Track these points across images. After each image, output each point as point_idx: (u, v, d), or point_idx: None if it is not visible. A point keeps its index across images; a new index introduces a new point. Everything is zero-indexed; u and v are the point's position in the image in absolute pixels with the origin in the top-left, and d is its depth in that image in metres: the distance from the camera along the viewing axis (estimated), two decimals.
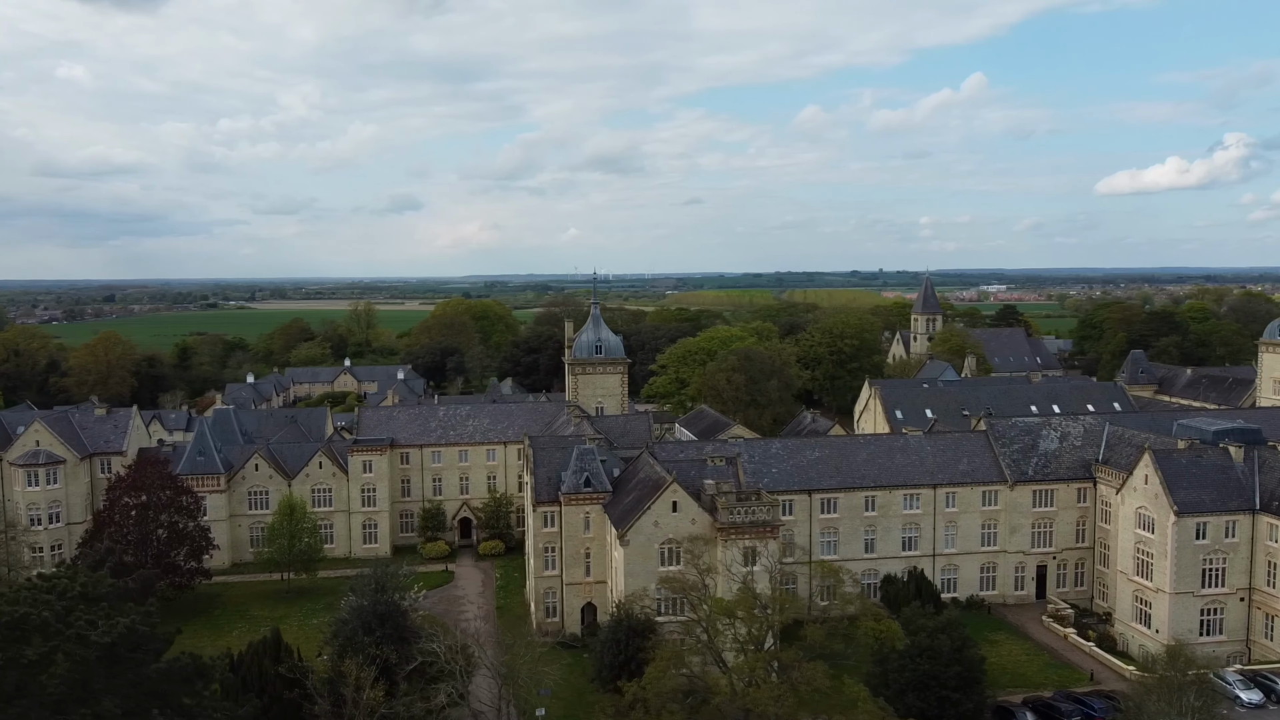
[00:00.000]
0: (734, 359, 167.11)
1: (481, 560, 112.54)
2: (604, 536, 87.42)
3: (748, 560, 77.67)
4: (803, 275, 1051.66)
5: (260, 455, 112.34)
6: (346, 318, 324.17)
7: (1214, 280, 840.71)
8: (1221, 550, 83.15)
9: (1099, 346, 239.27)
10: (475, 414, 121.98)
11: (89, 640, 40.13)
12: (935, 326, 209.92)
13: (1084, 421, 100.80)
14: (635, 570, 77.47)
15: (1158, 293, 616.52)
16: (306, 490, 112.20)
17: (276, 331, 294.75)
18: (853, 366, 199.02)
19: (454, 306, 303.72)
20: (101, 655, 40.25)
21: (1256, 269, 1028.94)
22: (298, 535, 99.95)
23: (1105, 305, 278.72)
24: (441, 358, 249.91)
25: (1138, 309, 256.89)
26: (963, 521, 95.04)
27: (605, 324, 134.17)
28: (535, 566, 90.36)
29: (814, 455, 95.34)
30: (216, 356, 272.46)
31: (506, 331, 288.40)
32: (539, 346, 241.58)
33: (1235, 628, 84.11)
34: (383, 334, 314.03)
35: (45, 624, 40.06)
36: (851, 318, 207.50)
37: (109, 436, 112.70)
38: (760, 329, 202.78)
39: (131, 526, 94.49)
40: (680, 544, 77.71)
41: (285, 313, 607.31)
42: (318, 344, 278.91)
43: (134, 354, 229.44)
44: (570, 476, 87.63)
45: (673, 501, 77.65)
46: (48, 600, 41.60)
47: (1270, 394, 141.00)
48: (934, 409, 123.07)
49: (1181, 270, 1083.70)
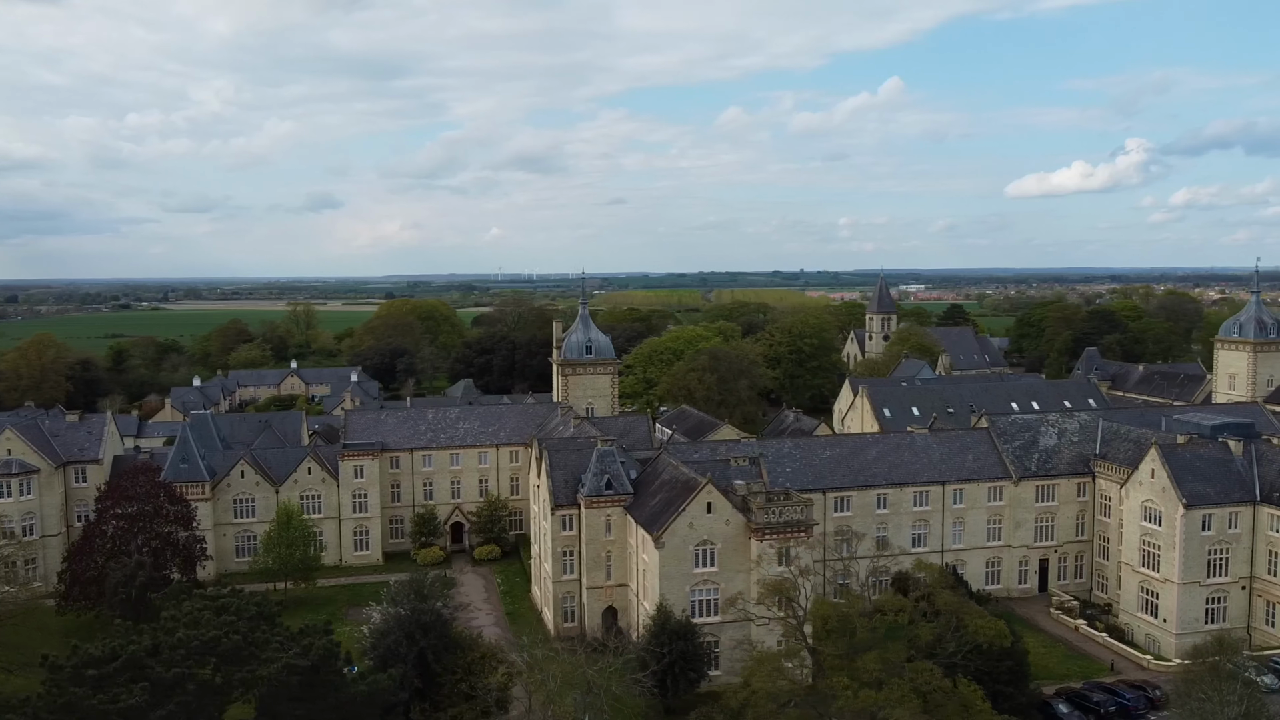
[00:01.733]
0: (705, 359, 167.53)
1: (478, 565, 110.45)
2: (625, 539, 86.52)
3: (781, 560, 77.91)
4: (726, 275, 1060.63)
5: (246, 461, 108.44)
6: (286, 318, 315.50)
7: (1119, 280, 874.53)
8: (1225, 541, 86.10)
9: (1040, 345, 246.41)
10: (465, 416, 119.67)
11: (292, 664, 37.68)
12: (890, 326, 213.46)
13: (1079, 418, 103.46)
14: (670, 573, 76.76)
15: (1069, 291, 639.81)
16: (295, 497, 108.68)
17: (214, 333, 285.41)
18: (812, 365, 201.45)
19: (399, 307, 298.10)
20: (303, 679, 37.83)
21: (1157, 269, 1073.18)
22: (296, 544, 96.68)
23: (1043, 304, 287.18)
24: (391, 359, 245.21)
25: (1077, 308, 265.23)
26: (970, 518, 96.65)
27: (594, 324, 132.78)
28: (553, 570, 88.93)
29: (825, 454, 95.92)
30: (150, 359, 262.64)
31: (453, 332, 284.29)
32: (491, 347, 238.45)
33: (1237, 615, 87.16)
34: (321, 335, 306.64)
35: (237, 647, 37.47)
36: (810, 317, 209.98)
37: (83, 444, 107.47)
38: (723, 329, 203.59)
39: (122, 538, 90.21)
40: (715, 545, 77.43)
41: (202, 314, 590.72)
42: (257, 346, 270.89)
43: (68, 357, 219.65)
44: (591, 479, 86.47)
45: (707, 503, 77.16)
46: (231, 622, 38.93)
47: (1225, 389, 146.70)
48: (920, 407, 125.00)
49: (1088, 270, 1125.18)
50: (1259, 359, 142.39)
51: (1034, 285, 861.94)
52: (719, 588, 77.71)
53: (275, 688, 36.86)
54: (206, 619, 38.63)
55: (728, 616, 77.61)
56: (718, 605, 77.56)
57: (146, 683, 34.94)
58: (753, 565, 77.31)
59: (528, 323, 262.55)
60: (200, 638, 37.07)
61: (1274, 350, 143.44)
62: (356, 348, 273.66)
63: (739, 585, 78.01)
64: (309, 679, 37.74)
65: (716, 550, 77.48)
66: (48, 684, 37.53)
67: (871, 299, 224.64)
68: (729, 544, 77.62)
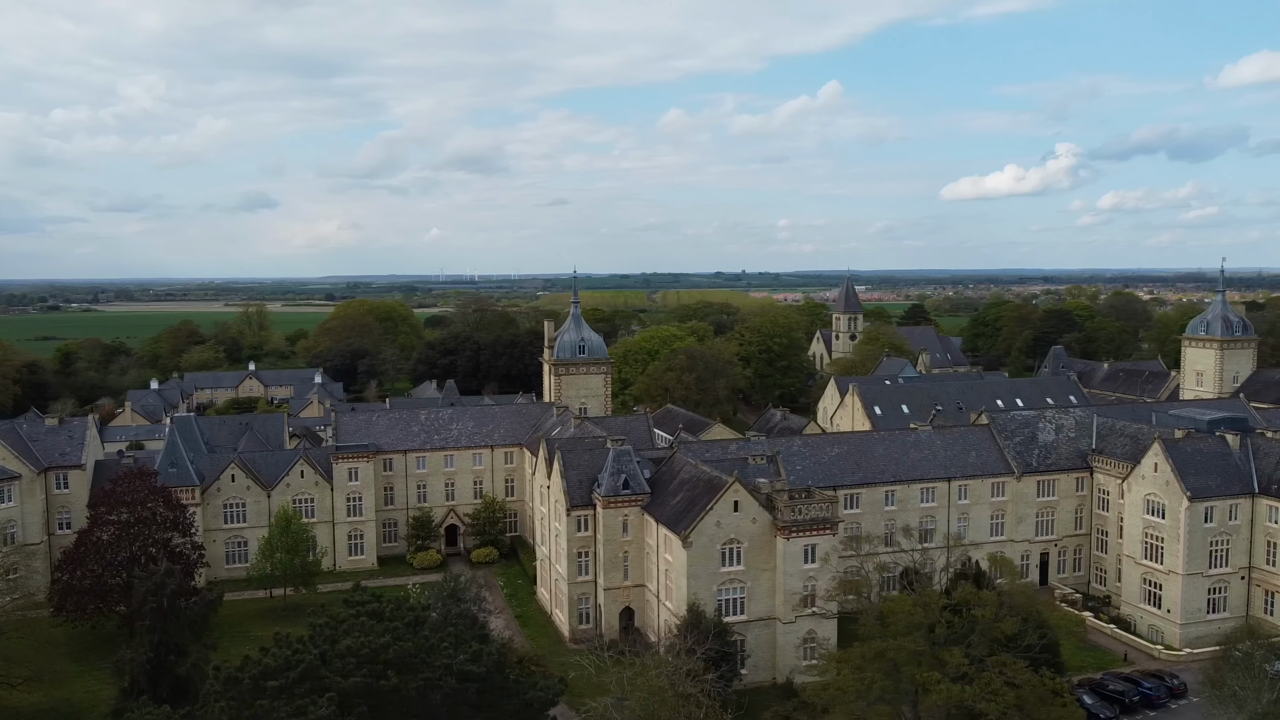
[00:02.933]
0: (682, 358, 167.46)
1: (476, 568, 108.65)
2: (643, 539, 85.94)
3: (807, 557, 78.12)
4: (669, 276, 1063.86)
5: (236, 465, 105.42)
6: (238, 320, 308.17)
7: (1051, 281, 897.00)
8: (1226, 532, 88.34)
9: (997, 344, 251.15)
10: (459, 417, 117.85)
11: (467, 669, 35.98)
12: (857, 325, 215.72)
13: (1075, 414, 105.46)
14: (697, 572, 76.39)
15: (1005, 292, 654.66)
16: (287, 501, 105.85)
17: (163, 335, 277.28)
18: (781, 365, 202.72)
19: (355, 307, 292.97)
20: (480, 686, 36.12)
21: (1087, 270, 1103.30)
22: (296, 549, 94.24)
23: (997, 304, 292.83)
24: (352, 360, 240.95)
25: (1033, 308, 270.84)
26: (974, 513, 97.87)
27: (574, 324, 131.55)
28: (568, 572, 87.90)
29: (834, 452, 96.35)
30: (97, 362, 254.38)
31: (411, 333, 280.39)
32: (455, 348, 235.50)
33: (1237, 605, 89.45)
34: (272, 336, 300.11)
35: (407, 654, 35.69)
36: (780, 317, 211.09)
37: (64, 449, 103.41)
38: (696, 329, 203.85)
39: (117, 545, 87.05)
40: (741, 544, 77.26)
41: (137, 315, 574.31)
42: (210, 348, 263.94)
43: (14, 359, 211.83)
44: (608, 479, 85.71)
45: (734, 501, 76.99)
46: (395, 628, 37.12)
47: (1193, 385, 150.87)
48: (909, 405, 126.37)
49: (1021, 271, 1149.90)
50: (1225, 356, 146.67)
51: (971, 286, 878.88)
52: (745, 587, 77.63)
53: (453, 696, 35.36)
54: (366, 625, 36.88)
55: (754, 615, 77.68)
56: (744, 604, 77.46)
57: (333, 693, 33.31)
58: (779, 563, 77.50)
59: (489, 323, 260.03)
60: (369, 645, 35.40)
61: (1239, 348, 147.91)
62: (313, 349, 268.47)
63: (765, 583, 78.08)
64: (485, 686, 36.34)
65: (743, 549, 77.37)
66: (225, 697, 35.60)
67: (838, 299, 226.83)
68: (755, 542, 77.56)
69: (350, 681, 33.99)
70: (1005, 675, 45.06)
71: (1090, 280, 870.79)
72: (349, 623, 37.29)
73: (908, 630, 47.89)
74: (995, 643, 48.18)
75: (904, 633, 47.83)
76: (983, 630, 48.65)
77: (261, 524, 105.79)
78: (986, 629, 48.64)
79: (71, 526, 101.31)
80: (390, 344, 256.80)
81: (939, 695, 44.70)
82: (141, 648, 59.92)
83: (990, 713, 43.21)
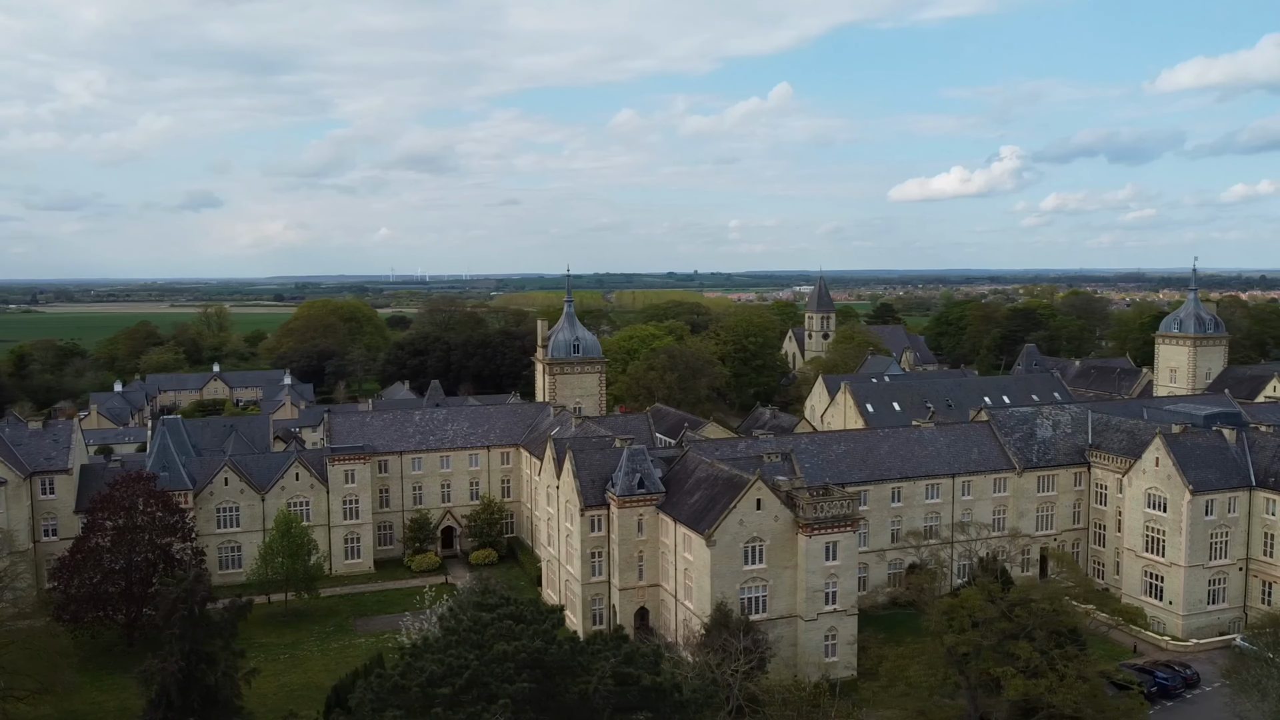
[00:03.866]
0: (664, 358, 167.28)
1: (476, 570, 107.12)
2: (659, 538, 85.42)
3: (829, 554, 78.26)
4: (622, 277, 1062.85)
5: (230, 468, 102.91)
6: (197, 320, 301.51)
7: (997, 281, 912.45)
8: (1225, 525, 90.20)
9: (962, 342, 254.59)
10: (453, 418, 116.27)
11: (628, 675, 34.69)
12: (830, 325, 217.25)
13: (1070, 410, 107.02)
14: (720, 571, 76.12)
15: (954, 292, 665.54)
16: (282, 504, 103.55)
17: (120, 336, 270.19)
18: (756, 364, 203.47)
19: (319, 308, 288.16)
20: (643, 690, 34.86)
21: (1030, 270, 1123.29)
22: (299, 553, 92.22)
23: (960, 304, 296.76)
24: (319, 361, 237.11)
25: (997, 306, 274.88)
26: (977, 509, 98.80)
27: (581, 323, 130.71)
28: (581, 573, 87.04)
29: (841, 449, 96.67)
30: (51, 364, 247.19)
31: (376, 333, 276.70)
32: (425, 349, 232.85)
33: (1235, 595, 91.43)
34: (232, 337, 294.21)
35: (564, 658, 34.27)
36: (754, 316, 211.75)
37: (49, 453, 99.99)
38: (673, 328, 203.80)
39: (118, 552, 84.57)
40: (764, 542, 77.14)
41: (80, 316, 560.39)
42: (169, 349, 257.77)
43: None
44: (623, 478, 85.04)
45: (757, 499, 76.84)
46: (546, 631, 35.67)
47: (1166, 381, 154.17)
48: (900, 402, 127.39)
49: (967, 271, 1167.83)
50: (1198, 353, 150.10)
51: (920, 286, 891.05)
52: (767, 585, 77.51)
53: (615, 699, 34.27)
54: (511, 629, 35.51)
55: (776, 614, 77.59)
56: (766, 602, 77.34)
57: (506, 700, 32.04)
58: (800, 561, 77.52)
59: (458, 323, 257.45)
60: (526, 649, 34.14)
61: (1211, 345, 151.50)
62: (276, 350, 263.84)
63: (787, 581, 78.05)
64: (647, 689, 35.25)
65: (765, 547, 77.26)
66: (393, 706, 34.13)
67: (810, 299, 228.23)
68: (777, 540, 77.48)
69: (517, 688, 32.87)
70: (1077, 669, 45.42)
71: (1034, 280, 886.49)
72: (494, 626, 36.05)
73: (975, 624, 47.98)
74: (1057, 635, 48.53)
75: (970, 626, 47.90)
76: (1044, 623, 48.98)
77: (256, 528, 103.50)
78: (1047, 621, 48.98)
79: (58, 533, 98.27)
80: (356, 345, 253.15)
81: (1013, 689, 44.87)
82: (172, 656, 57.92)
83: (1066, 706, 43.52)
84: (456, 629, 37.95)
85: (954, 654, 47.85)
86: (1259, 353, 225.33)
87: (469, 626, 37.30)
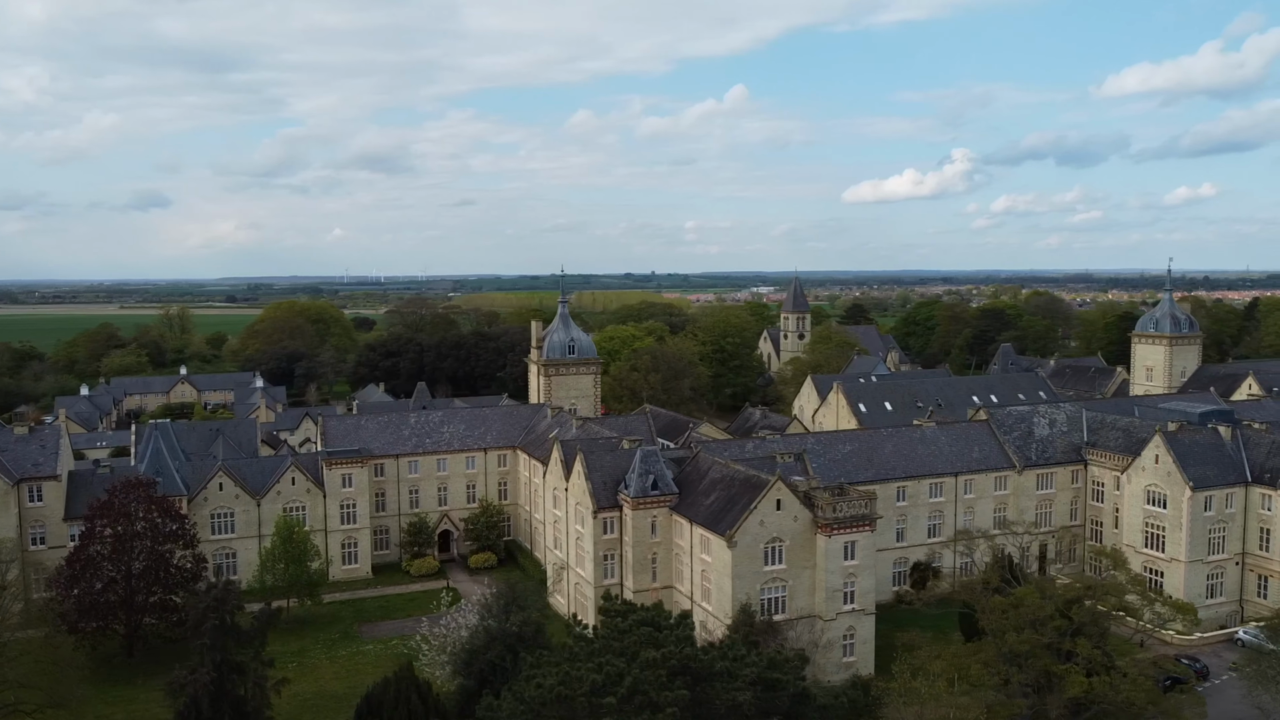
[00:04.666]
0: (647, 358, 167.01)
1: (476, 574, 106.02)
2: (672, 540, 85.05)
3: (847, 554, 78.46)
4: (579, 278, 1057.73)
5: (224, 473, 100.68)
6: (158, 322, 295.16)
7: (950, 282, 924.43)
8: (1223, 520, 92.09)
9: (931, 342, 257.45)
10: (449, 420, 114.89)
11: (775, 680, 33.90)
12: (805, 325, 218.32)
13: (1065, 409, 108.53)
14: (741, 572, 75.94)
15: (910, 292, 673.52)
16: (278, 509, 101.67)
17: (80, 338, 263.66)
18: (734, 364, 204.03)
19: (285, 309, 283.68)
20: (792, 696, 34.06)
21: (982, 272, 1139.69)
22: (302, 560, 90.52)
23: (928, 304, 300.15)
24: (288, 363, 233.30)
25: (965, 307, 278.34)
26: (979, 507, 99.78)
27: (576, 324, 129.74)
28: (594, 575, 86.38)
29: (847, 449, 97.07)
30: (7, 367, 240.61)
31: (344, 335, 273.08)
32: (398, 350, 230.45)
33: (1232, 589, 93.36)
34: (194, 339, 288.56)
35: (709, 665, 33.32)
36: (732, 317, 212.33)
37: (37, 459, 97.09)
38: (653, 328, 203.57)
39: (119, 560, 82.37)
40: (783, 542, 77.12)
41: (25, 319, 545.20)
42: (131, 352, 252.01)
43: None
44: (636, 480, 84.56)
45: (777, 500, 76.77)
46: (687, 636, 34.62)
47: (1143, 379, 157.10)
48: (891, 402, 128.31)
49: (920, 272, 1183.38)
50: (1174, 352, 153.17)
51: (876, 287, 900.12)
52: (787, 585, 77.48)
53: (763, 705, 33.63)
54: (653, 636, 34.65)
55: (795, 614, 77.57)
56: (785, 603, 77.31)
57: (674, 709, 31.25)
58: (819, 561, 77.63)
59: (430, 324, 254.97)
60: (674, 655, 33.31)
61: (1186, 344, 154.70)
62: (242, 352, 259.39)
63: (806, 581, 78.11)
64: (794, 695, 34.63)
65: (784, 547, 77.23)
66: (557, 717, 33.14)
67: (787, 299, 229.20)
68: (796, 540, 77.51)
69: (677, 694, 32.18)
70: (1139, 666, 45.92)
71: (986, 281, 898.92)
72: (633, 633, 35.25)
73: (1032, 624, 48.27)
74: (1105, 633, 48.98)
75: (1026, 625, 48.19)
76: (1096, 621, 49.42)
77: (251, 534, 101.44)
78: (1099, 620, 49.43)
79: (46, 542, 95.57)
80: (325, 347, 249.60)
81: (1074, 687, 45.18)
82: (204, 667, 56.57)
83: (1137, 701, 43.90)
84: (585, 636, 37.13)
85: (1013, 653, 48.09)
86: (1218, 352, 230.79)
87: (604, 636, 36.48)
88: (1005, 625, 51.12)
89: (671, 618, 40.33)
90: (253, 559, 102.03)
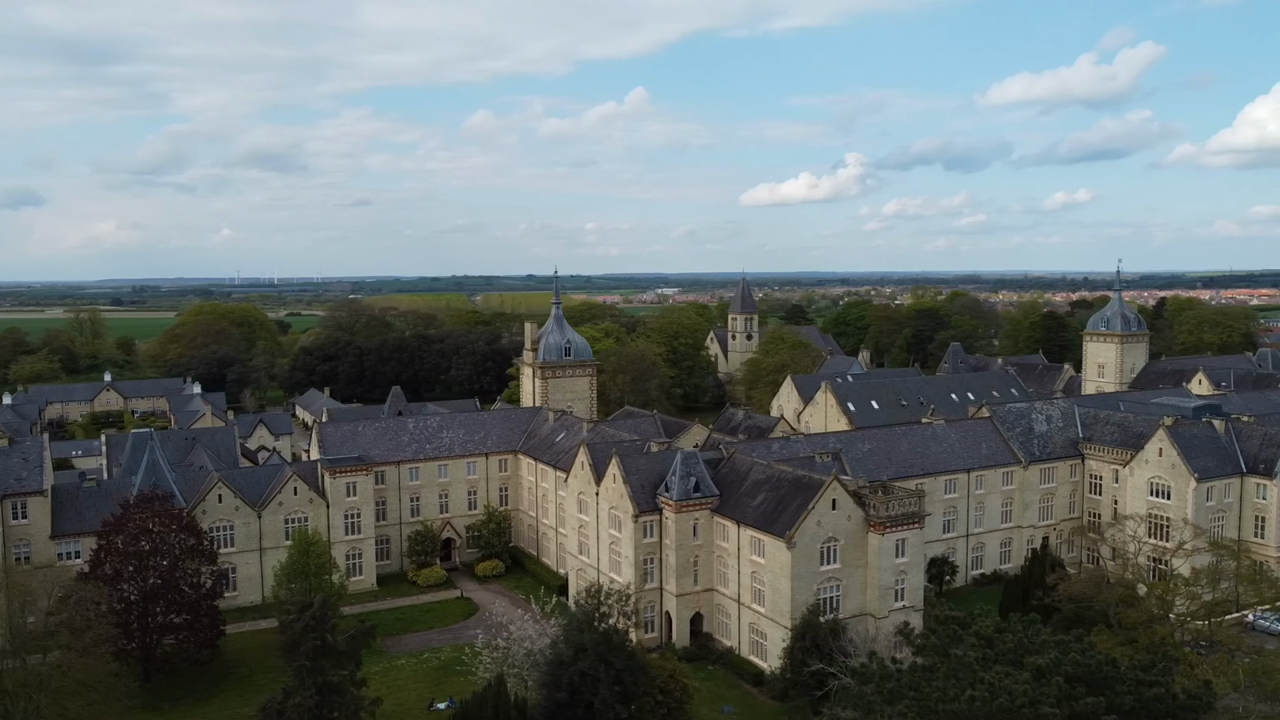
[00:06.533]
0: (615, 360, 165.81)
1: (485, 582, 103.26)
2: (714, 542, 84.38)
3: (898, 552, 79.18)
4: (480, 279, 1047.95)
5: (222, 484, 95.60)
6: (69, 326, 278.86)
7: (848, 283, 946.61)
8: (1222, 509, 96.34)
9: (864, 341, 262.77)
10: (448, 425, 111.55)
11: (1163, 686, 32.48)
12: (753, 326, 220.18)
13: (1059, 405, 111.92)
14: (800, 572, 75.91)
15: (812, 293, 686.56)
16: (279, 520, 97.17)
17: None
18: (687, 365, 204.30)
19: (208, 312, 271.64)
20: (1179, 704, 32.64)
21: (876, 273, 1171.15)
22: (321, 572, 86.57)
23: (856, 304, 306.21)
24: (219, 368, 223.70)
25: (896, 307, 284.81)
26: (988, 502, 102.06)
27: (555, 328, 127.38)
28: (635, 581, 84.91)
29: (866, 448, 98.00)
30: None
31: (270, 338, 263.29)
32: (336, 354, 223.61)
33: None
34: (106, 344, 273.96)
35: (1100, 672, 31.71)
36: (684, 318, 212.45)
37: (20, 473, 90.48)
38: (609, 329, 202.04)
39: (136, 579, 77.36)
40: (838, 542, 77.35)
41: None
42: (42, 358, 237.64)
43: None
44: (678, 483, 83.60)
45: (832, 499, 76.96)
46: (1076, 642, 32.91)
47: (1094, 376, 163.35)
48: (878, 401, 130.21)
49: (817, 274, 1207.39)
50: (1125, 350, 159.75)
51: (777, 288, 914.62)
52: (841, 584, 77.76)
53: (1153, 711, 32.47)
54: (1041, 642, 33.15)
55: (849, 612, 77.82)
56: (840, 601, 77.53)
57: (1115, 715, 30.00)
58: (870, 559, 78.12)
59: (365, 327, 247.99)
60: (1084, 662, 31.85)
61: (1136, 341, 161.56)
62: (161, 356, 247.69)
63: (859, 580, 78.49)
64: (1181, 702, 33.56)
65: (839, 547, 77.52)
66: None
67: (734, 300, 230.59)
68: (850, 539, 77.88)
69: (1094, 702, 31.07)
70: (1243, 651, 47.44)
71: (880, 282, 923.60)
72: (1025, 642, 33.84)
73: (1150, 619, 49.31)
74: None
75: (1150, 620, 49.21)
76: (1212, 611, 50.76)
77: (252, 547, 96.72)
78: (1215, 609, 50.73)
79: (32, 560, 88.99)
80: (255, 350, 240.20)
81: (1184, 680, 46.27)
82: (305, 689, 53.43)
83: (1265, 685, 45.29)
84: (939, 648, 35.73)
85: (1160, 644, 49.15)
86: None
87: (973, 643, 35.18)
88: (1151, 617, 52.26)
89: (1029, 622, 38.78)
90: (253, 574, 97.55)
